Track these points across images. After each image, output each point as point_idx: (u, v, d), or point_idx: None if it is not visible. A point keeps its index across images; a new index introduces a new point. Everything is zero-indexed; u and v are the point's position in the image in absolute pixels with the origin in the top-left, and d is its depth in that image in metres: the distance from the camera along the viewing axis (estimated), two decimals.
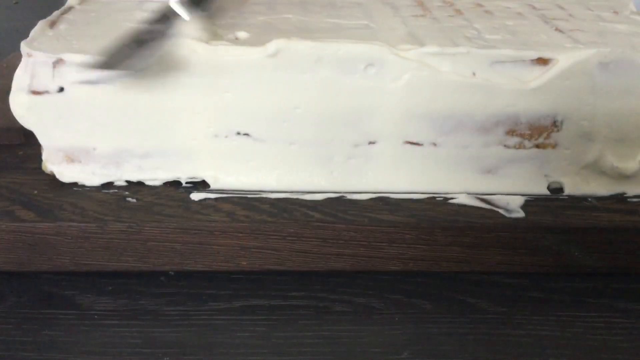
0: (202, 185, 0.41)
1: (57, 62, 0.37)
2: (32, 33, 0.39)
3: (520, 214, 0.39)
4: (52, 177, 0.40)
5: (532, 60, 0.37)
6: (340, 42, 0.37)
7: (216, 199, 0.39)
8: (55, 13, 0.43)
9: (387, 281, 0.40)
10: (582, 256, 0.38)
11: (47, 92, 0.38)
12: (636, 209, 0.39)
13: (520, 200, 0.40)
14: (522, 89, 0.37)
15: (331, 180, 0.40)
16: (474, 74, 0.37)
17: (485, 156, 0.40)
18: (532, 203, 0.40)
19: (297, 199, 0.40)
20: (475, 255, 0.38)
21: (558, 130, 0.39)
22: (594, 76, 0.38)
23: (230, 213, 0.38)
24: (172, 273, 0.40)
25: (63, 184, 0.40)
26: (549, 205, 0.40)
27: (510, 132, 0.39)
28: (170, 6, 0.39)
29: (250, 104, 0.38)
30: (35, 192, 0.39)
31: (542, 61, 0.37)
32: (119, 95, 0.38)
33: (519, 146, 0.39)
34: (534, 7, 0.48)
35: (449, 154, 0.39)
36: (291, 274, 0.39)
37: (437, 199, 0.40)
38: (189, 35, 0.37)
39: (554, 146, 0.39)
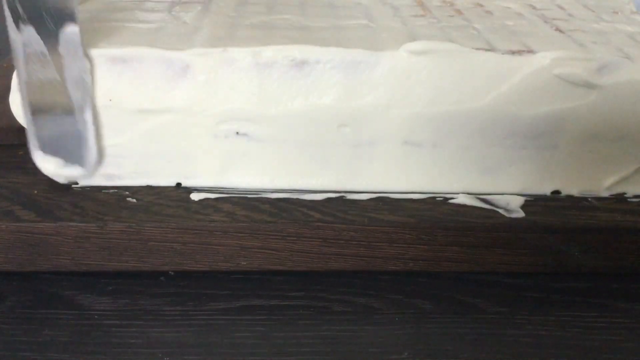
0: (202, 185, 0.41)
1: None
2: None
3: (520, 214, 0.39)
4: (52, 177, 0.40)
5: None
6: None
7: (216, 199, 0.39)
8: None
9: (387, 281, 0.40)
10: (582, 256, 0.38)
11: None
12: (636, 209, 0.40)
13: (520, 200, 0.40)
14: (521, 89, 0.37)
15: (331, 180, 0.40)
16: (473, 73, 0.37)
17: (485, 156, 0.40)
18: (532, 203, 0.40)
19: (297, 199, 0.40)
20: (475, 255, 0.38)
21: (558, 131, 0.39)
22: (594, 76, 0.38)
23: (230, 213, 0.38)
24: (172, 273, 0.40)
25: (63, 184, 0.40)
26: (549, 205, 0.40)
27: (510, 133, 0.39)
28: None
29: (250, 104, 0.38)
30: (35, 192, 0.39)
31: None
32: (119, 95, 0.38)
33: (519, 146, 0.39)
34: (534, 7, 0.48)
35: (449, 154, 0.39)
36: (291, 274, 0.39)
37: (437, 199, 0.40)
38: None
39: (554, 146, 0.39)
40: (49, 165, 0.37)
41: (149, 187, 0.40)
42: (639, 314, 0.38)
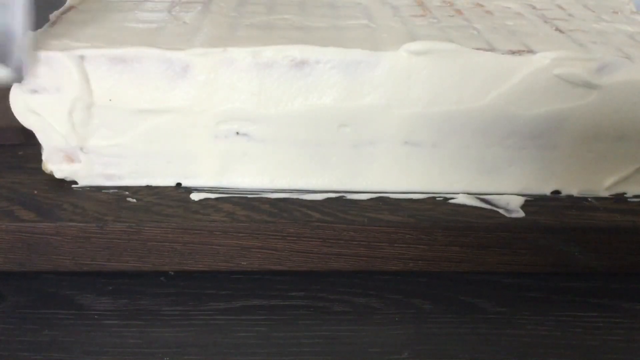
0: (202, 185, 0.41)
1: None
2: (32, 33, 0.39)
3: (520, 214, 0.39)
4: (52, 177, 0.40)
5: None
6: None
7: (216, 199, 0.39)
8: (55, 13, 0.43)
9: (387, 281, 0.40)
10: (582, 256, 0.38)
11: (47, 91, 0.38)
12: (636, 209, 0.39)
13: (520, 200, 0.40)
14: (521, 89, 0.37)
15: (331, 180, 0.40)
16: (473, 73, 0.37)
17: (485, 156, 0.40)
18: (532, 203, 0.40)
19: (297, 199, 0.40)
20: (475, 255, 0.38)
21: (558, 131, 0.39)
22: (594, 76, 0.38)
23: (230, 213, 0.38)
24: (172, 273, 0.40)
25: (63, 184, 0.40)
26: (549, 205, 0.40)
27: (510, 133, 0.39)
28: None
29: (250, 103, 0.38)
30: (35, 192, 0.39)
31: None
32: (119, 95, 0.38)
33: (519, 146, 0.39)
34: (534, 7, 0.48)
35: (448, 154, 0.39)
36: (291, 274, 0.39)
37: (437, 199, 0.40)
38: None
39: (554, 146, 0.39)
40: None
41: (149, 187, 0.40)
42: (639, 314, 0.38)
